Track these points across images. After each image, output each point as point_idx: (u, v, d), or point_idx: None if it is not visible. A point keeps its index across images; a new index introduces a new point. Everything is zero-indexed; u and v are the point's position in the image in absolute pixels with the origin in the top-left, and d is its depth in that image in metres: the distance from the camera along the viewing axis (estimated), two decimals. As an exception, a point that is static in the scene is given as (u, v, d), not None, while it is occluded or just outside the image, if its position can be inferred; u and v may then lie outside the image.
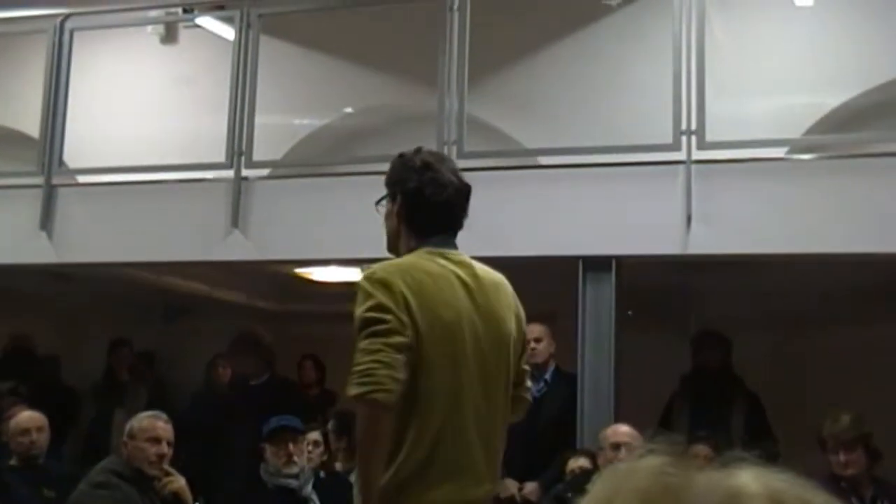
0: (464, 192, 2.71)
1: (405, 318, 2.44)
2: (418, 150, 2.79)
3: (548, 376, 5.14)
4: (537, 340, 4.96)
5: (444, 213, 2.68)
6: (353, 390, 2.38)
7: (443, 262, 2.60)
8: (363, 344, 2.41)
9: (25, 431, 4.81)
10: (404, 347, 2.41)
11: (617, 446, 4.27)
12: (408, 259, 2.61)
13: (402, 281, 2.48)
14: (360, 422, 2.43)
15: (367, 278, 2.50)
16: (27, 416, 4.90)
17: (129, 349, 7.19)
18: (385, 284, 2.47)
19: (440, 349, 2.49)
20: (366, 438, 2.42)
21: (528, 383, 2.83)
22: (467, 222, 2.78)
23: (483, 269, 2.69)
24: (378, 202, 2.78)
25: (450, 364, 2.51)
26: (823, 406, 4.90)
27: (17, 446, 4.82)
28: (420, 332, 2.46)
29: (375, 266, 2.55)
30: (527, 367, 2.83)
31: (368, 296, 2.46)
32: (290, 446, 4.56)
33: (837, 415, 4.41)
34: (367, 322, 2.43)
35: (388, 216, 2.73)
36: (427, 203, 2.65)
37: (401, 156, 2.78)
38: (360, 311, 2.47)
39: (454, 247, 2.68)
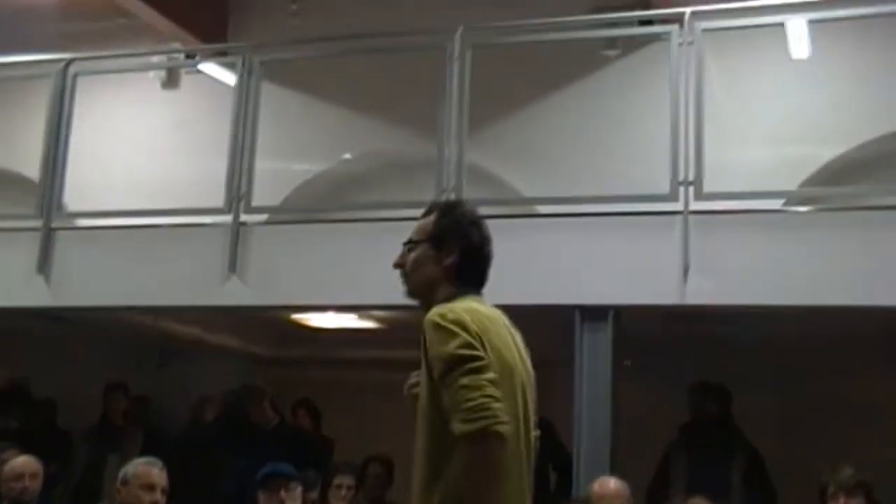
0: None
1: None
2: (461, 203, 2.85)
3: None
4: None
5: (486, 268, 2.71)
6: (468, 427, 2.31)
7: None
8: (465, 381, 2.36)
9: (19, 477, 4.75)
10: (497, 384, 2.39)
11: None
12: (465, 303, 2.57)
13: (472, 322, 2.46)
14: (474, 458, 2.33)
15: (442, 317, 2.46)
16: (22, 462, 4.83)
17: (124, 392, 7.15)
18: (461, 324, 2.44)
19: (507, 393, 2.45)
20: (485, 473, 2.34)
21: None
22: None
23: (510, 322, 2.69)
24: (410, 244, 2.71)
25: (512, 409, 2.46)
26: (824, 457, 4.86)
27: (8, 491, 4.76)
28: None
29: (442, 308, 2.50)
30: None
31: (453, 334, 2.42)
32: (282, 493, 4.56)
33: (839, 466, 4.38)
34: (463, 359, 2.39)
35: (422, 262, 2.67)
36: (483, 258, 2.69)
37: (451, 206, 2.80)
38: (449, 348, 2.41)
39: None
